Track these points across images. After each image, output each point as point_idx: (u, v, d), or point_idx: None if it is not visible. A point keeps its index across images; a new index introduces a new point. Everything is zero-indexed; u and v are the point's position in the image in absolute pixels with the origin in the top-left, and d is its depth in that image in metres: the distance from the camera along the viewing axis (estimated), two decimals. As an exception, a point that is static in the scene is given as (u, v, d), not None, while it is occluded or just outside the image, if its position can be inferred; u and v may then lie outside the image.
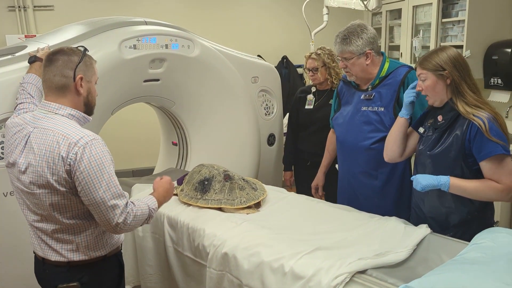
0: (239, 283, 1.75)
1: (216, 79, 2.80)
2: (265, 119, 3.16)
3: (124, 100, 2.60)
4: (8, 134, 1.63)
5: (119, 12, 4.28)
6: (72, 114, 1.59)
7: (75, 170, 1.47)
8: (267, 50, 4.84)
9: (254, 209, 2.17)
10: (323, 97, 2.92)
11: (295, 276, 1.57)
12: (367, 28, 2.25)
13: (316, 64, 2.86)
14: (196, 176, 2.31)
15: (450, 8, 3.83)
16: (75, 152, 1.47)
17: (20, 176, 1.55)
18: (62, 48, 1.62)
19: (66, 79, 1.58)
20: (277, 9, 4.92)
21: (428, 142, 1.94)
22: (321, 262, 1.57)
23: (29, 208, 1.61)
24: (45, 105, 1.59)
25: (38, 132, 1.53)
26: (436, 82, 1.84)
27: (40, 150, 1.50)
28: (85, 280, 1.63)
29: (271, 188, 2.45)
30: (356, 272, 1.52)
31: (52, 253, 1.62)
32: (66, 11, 4.27)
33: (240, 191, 2.20)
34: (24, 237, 1.84)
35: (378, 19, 4.84)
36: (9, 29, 4.14)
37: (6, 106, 2.05)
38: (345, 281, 1.48)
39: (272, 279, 1.63)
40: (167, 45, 2.57)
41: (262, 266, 1.67)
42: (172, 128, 3.12)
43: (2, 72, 2.10)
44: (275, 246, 1.73)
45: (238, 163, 2.97)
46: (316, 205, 2.22)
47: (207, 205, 2.16)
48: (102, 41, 2.38)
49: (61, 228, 1.58)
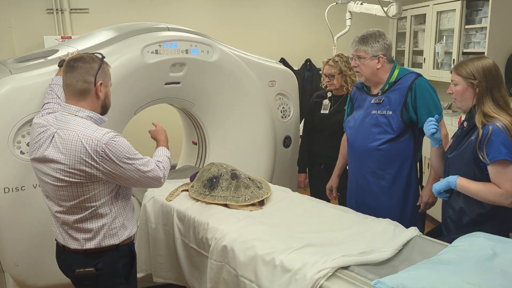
0: (235, 273, 1.88)
1: (234, 83, 2.92)
2: (281, 121, 3.25)
3: (147, 102, 2.76)
4: (33, 133, 1.81)
5: (149, 15, 4.49)
6: (90, 116, 1.76)
7: (104, 165, 1.67)
8: (291, 53, 4.93)
9: (257, 206, 2.29)
10: (339, 102, 2.98)
11: (284, 269, 1.70)
12: (385, 36, 2.40)
13: (333, 71, 2.92)
14: (206, 173, 2.47)
15: (473, 14, 3.81)
16: (99, 149, 1.65)
17: (48, 171, 1.73)
18: (83, 56, 1.79)
19: (88, 84, 1.75)
20: (301, 14, 4.99)
21: (451, 147, 2.05)
22: (309, 257, 1.69)
23: (52, 200, 1.79)
24: (66, 107, 1.77)
25: (61, 133, 1.70)
26: (466, 89, 1.95)
27: (66, 149, 1.67)
28: (100, 266, 1.80)
29: (276, 187, 2.57)
30: (339, 268, 1.64)
31: (71, 241, 1.80)
32: (100, 14, 4.50)
33: (245, 189, 2.33)
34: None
35: (403, 24, 4.85)
36: (47, 30, 4.39)
37: (39, 105, 2.22)
38: (328, 275, 1.60)
39: (264, 271, 1.76)
40: (187, 50, 2.72)
41: (256, 259, 1.81)
42: (192, 128, 3.27)
43: (34, 74, 2.29)
44: (270, 241, 1.86)
45: (254, 163, 3.09)
46: (315, 205, 2.34)
47: (213, 201, 2.30)
48: (126, 46, 2.54)
49: (81, 218, 1.76)
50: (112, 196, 1.79)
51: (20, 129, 2.23)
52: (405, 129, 2.36)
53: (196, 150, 3.29)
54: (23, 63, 2.39)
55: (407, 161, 2.40)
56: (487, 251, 1.57)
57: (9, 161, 2.21)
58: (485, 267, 1.48)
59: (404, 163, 2.40)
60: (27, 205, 2.28)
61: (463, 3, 3.80)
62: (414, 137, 2.40)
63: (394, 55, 4.93)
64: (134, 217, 1.94)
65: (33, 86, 2.25)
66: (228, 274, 1.93)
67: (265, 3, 4.89)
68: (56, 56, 2.42)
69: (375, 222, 2.06)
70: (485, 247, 1.59)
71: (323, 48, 4.87)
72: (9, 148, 2.20)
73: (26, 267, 2.35)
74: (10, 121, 2.21)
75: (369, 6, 3.79)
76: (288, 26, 4.98)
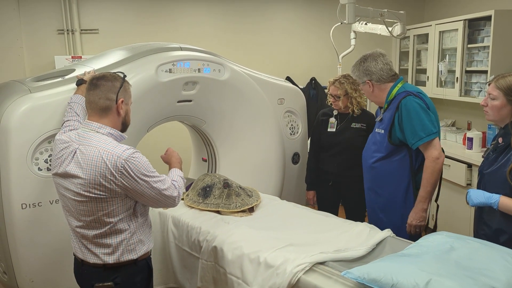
0: (224, 271, 2.06)
1: (244, 101, 2.99)
2: (290, 138, 3.31)
3: (159, 119, 2.82)
4: (56, 150, 1.86)
5: (158, 35, 4.59)
6: (111, 133, 1.82)
7: (122, 181, 1.71)
8: (296, 71, 5.03)
9: (247, 213, 2.50)
10: (345, 121, 3.01)
11: (267, 265, 1.89)
12: (368, 59, 2.45)
13: (339, 92, 2.93)
14: (200, 183, 2.68)
15: (476, 34, 3.90)
16: (119, 164, 1.70)
17: (69, 186, 1.77)
18: (105, 74, 1.87)
19: (110, 102, 1.82)
20: (307, 33, 5.09)
21: (486, 162, 2.03)
22: (290, 255, 1.89)
23: (73, 215, 1.83)
24: (88, 124, 1.83)
25: (83, 149, 1.75)
26: (504, 105, 1.92)
27: (87, 164, 1.72)
28: (118, 280, 1.83)
29: (266, 196, 2.80)
30: (317, 263, 1.84)
31: (91, 256, 1.83)
32: (110, 35, 4.60)
33: (237, 197, 2.54)
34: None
35: (406, 43, 4.94)
36: (58, 50, 4.49)
37: (57, 123, 2.29)
38: (305, 269, 1.80)
39: (249, 268, 1.95)
40: (200, 69, 2.79)
41: (242, 257, 1.99)
42: (202, 145, 3.32)
43: (53, 93, 2.35)
44: (255, 241, 2.06)
45: (264, 180, 3.14)
46: (300, 211, 2.54)
47: (206, 208, 2.50)
48: (141, 65, 2.61)
49: (101, 233, 1.79)
50: (131, 212, 1.83)
51: (39, 146, 2.28)
52: (396, 149, 2.37)
53: (206, 167, 3.34)
54: (41, 82, 2.45)
55: (403, 181, 2.39)
56: (445, 246, 1.71)
57: (27, 178, 2.26)
58: (441, 259, 1.61)
59: (400, 183, 2.40)
60: (43, 221, 2.31)
61: (465, 23, 3.90)
62: (411, 157, 2.37)
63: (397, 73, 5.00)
64: (151, 233, 1.98)
65: (51, 104, 2.31)
66: (217, 272, 2.10)
67: (271, 22, 5.00)
68: (73, 75, 2.48)
69: (353, 226, 2.24)
70: (444, 243, 1.73)
71: (328, 66, 4.97)
72: (27, 164, 2.25)
73: (41, 283, 2.36)
74: (29, 139, 2.26)
75: (374, 26, 3.88)
76: (294, 45, 5.07)
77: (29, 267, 2.32)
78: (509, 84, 1.89)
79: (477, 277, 1.48)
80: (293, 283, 1.77)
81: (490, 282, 1.45)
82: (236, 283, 1.99)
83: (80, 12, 4.52)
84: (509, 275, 1.49)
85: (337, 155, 3.00)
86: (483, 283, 1.44)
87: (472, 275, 1.48)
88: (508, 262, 1.57)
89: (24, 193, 2.26)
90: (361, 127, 2.95)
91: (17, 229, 2.27)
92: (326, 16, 4.95)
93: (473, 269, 1.53)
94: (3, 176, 2.24)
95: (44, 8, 4.43)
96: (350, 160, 2.94)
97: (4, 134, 2.23)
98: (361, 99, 2.94)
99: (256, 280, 1.88)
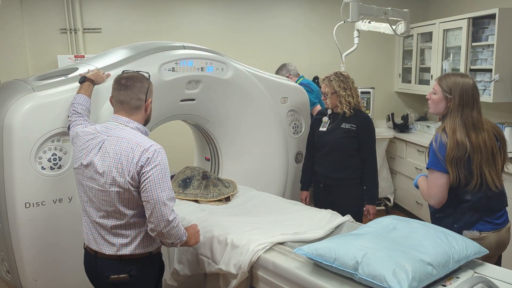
0: (196, 253, 2.26)
1: (247, 100, 2.98)
2: (293, 137, 3.30)
3: (162, 118, 2.82)
4: (80, 141, 1.92)
5: (160, 34, 4.58)
6: (138, 127, 1.91)
7: (145, 171, 1.76)
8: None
9: (224, 202, 2.70)
10: (336, 120, 2.90)
11: (233, 245, 2.09)
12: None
13: (327, 90, 2.86)
14: (181, 175, 2.86)
15: (480, 32, 3.88)
16: (146, 156, 1.77)
17: (95, 176, 1.82)
18: (133, 75, 1.95)
19: (141, 101, 1.93)
20: (310, 32, 5.07)
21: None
22: (253, 236, 2.09)
23: (94, 206, 1.86)
24: (116, 118, 1.90)
25: (112, 140, 1.82)
26: (441, 100, 2.14)
27: (116, 154, 1.78)
28: (133, 273, 1.87)
29: (243, 187, 2.97)
30: (277, 243, 2.05)
31: (107, 246, 1.85)
32: (112, 34, 4.60)
33: (214, 187, 2.73)
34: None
35: (409, 42, 4.92)
36: (60, 49, 4.50)
37: (60, 121, 2.29)
38: (266, 248, 2.01)
39: (218, 248, 2.15)
40: (203, 68, 2.79)
41: (212, 239, 2.18)
42: (205, 144, 3.31)
43: (56, 92, 2.35)
44: (225, 225, 2.26)
45: (267, 179, 3.13)
46: (273, 200, 2.75)
47: (186, 198, 2.71)
48: (144, 64, 2.59)
49: (120, 224, 1.83)
50: None
51: (42, 145, 2.28)
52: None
53: (209, 166, 3.33)
54: (44, 81, 2.44)
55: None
56: (389, 226, 1.92)
57: (31, 177, 2.25)
58: (382, 237, 1.81)
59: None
60: (47, 220, 2.31)
61: (469, 21, 3.88)
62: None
63: (401, 72, 5.00)
64: None
65: (55, 103, 2.31)
66: (191, 254, 2.29)
67: (274, 21, 4.98)
68: (76, 73, 2.48)
69: (317, 212, 2.47)
70: (388, 224, 1.94)
71: (332, 65, 4.92)
72: (31, 163, 2.25)
73: (45, 282, 2.36)
74: (33, 137, 2.25)
75: (377, 25, 3.86)
76: (297, 44, 5.06)
77: (33, 266, 2.32)
78: (448, 82, 2.11)
79: (409, 251, 1.66)
80: (254, 260, 1.98)
81: (419, 256, 1.62)
82: (206, 263, 2.19)
83: (82, 12, 4.52)
84: (438, 250, 1.68)
85: (325, 156, 2.93)
86: (412, 256, 1.62)
87: (405, 249, 1.67)
88: (440, 239, 1.76)
89: (28, 192, 2.26)
90: (350, 128, 2.83)
91: (20, 228, 2.26)
92: (329, 14, 4.93)
93: (407, 245, 1.72)
94: (6, 175, 2.23)
95: (47, 7, 4.44)
96: (336, 162, 2.87)
97: (8, 133, 2.23)
98: (352, 98, 2.81)
99: (223, 259, 2.08)
